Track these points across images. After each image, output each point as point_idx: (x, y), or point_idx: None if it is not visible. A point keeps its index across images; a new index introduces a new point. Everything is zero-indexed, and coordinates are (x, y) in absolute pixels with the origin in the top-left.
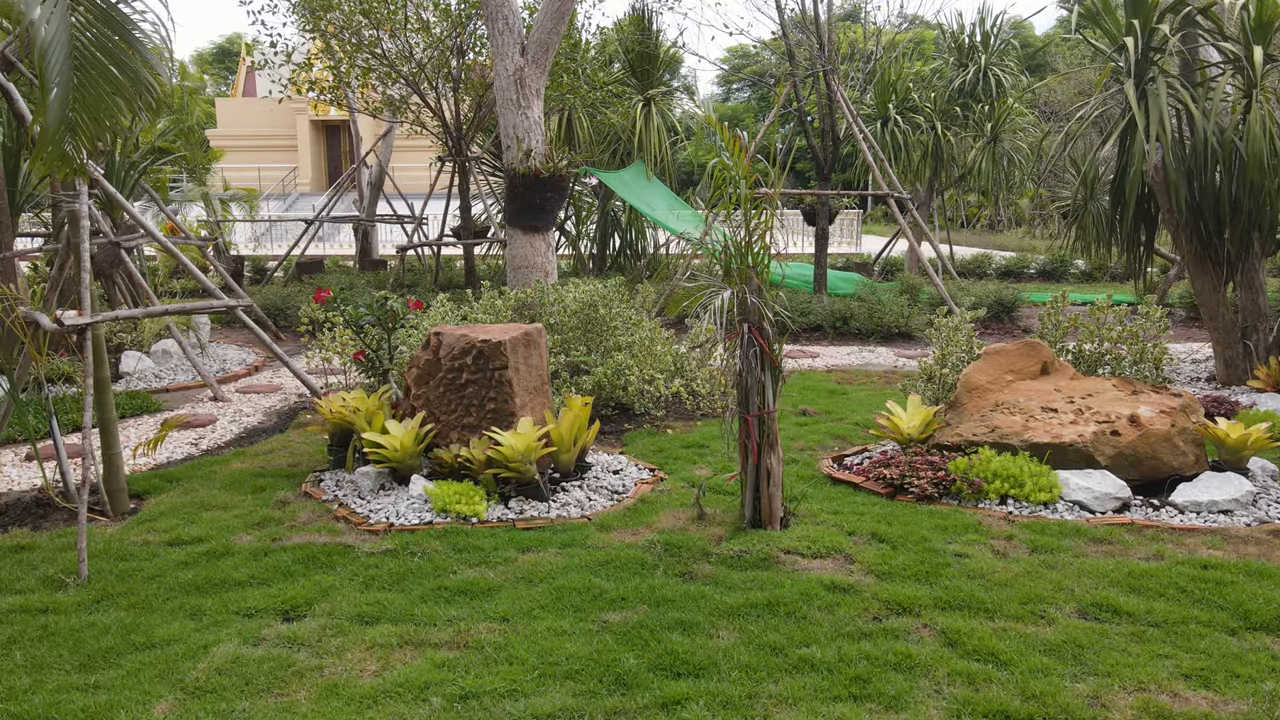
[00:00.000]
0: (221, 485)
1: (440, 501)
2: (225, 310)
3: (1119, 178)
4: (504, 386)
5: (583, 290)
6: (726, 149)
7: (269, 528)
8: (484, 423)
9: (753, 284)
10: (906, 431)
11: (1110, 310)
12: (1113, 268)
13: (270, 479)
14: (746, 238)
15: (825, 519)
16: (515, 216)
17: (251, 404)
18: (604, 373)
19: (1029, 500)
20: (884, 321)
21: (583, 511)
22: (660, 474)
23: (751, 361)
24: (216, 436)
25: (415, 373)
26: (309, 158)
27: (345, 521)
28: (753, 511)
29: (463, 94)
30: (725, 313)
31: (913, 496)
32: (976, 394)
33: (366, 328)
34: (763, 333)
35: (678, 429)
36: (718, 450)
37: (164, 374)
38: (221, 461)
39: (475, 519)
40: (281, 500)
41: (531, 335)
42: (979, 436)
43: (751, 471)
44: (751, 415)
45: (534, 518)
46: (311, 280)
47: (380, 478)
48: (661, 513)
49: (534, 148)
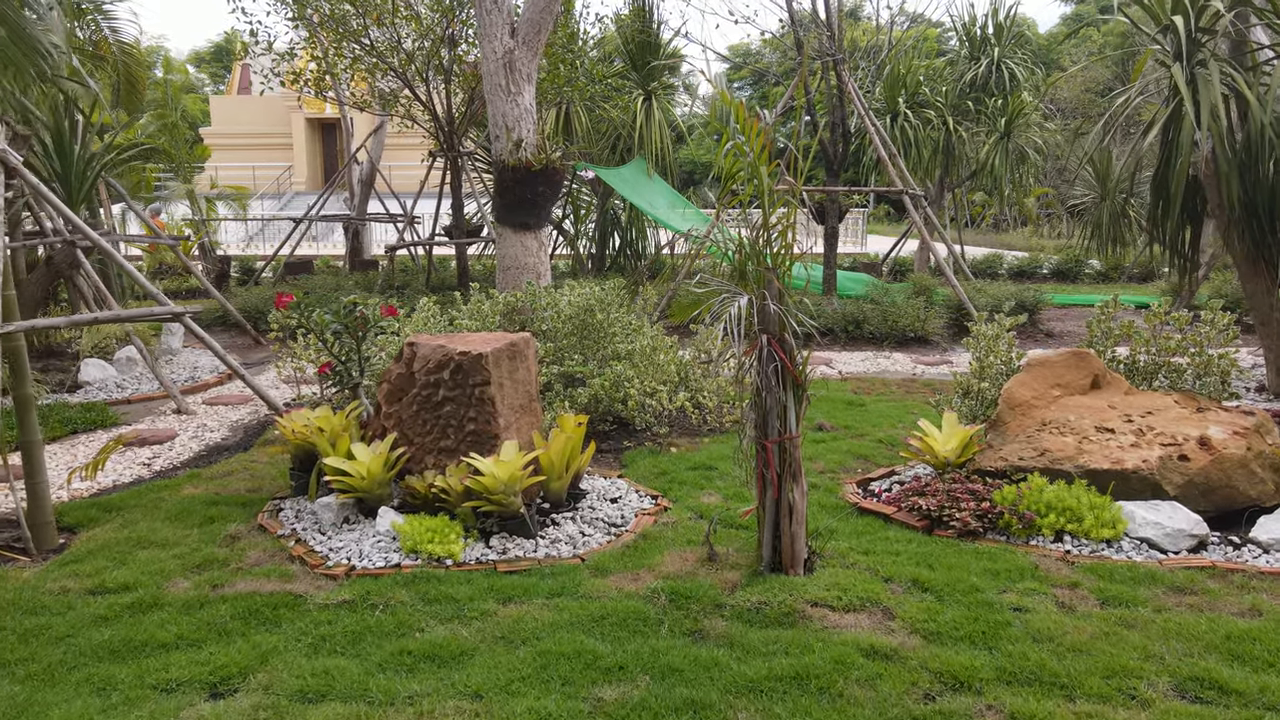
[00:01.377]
0: (167, 515)
1: (410, 540)
2: (171, 318)
3: (1161, 171)
4: (485, 405)
5: (578, 294)
6: (741, 130)
7: (211, 570)
8: (463, 446)
9: (772, 288)
10: (942, 454)
11: (1168, 316)
12: (1129, 268)
13: (224, 507)
14: (765, 235)
15: (855, 560)
16: (505, 213)
17: (218, 417)
18: (601, 385)
19: (1089, 537)
20: (899, 325)
21: (575, 550)
22: (664, 502)
23: (771, 378)
24: (174, 455)
25: (386, 388)
26: (305, 156)
27: (301, 562)
28: (772, 553)
29: (455, 87)
30: (741, 322)
31: (953, 532)
32: (1020, 411)
33: (332, 336)
34: (784, 345)
35: (682, 446)
36: (728, 473)
37: (127, 383)
38: (173, 486)
39: (450, 561)
40: (232, 535)
41: (518, 346)
42: (1026, 461)
43: (770, 506)
44: (771, 441)
45: (518, 558)
46: (295, 281)
47: (344, 509)
48: (666, 551)
49: (525, 138)
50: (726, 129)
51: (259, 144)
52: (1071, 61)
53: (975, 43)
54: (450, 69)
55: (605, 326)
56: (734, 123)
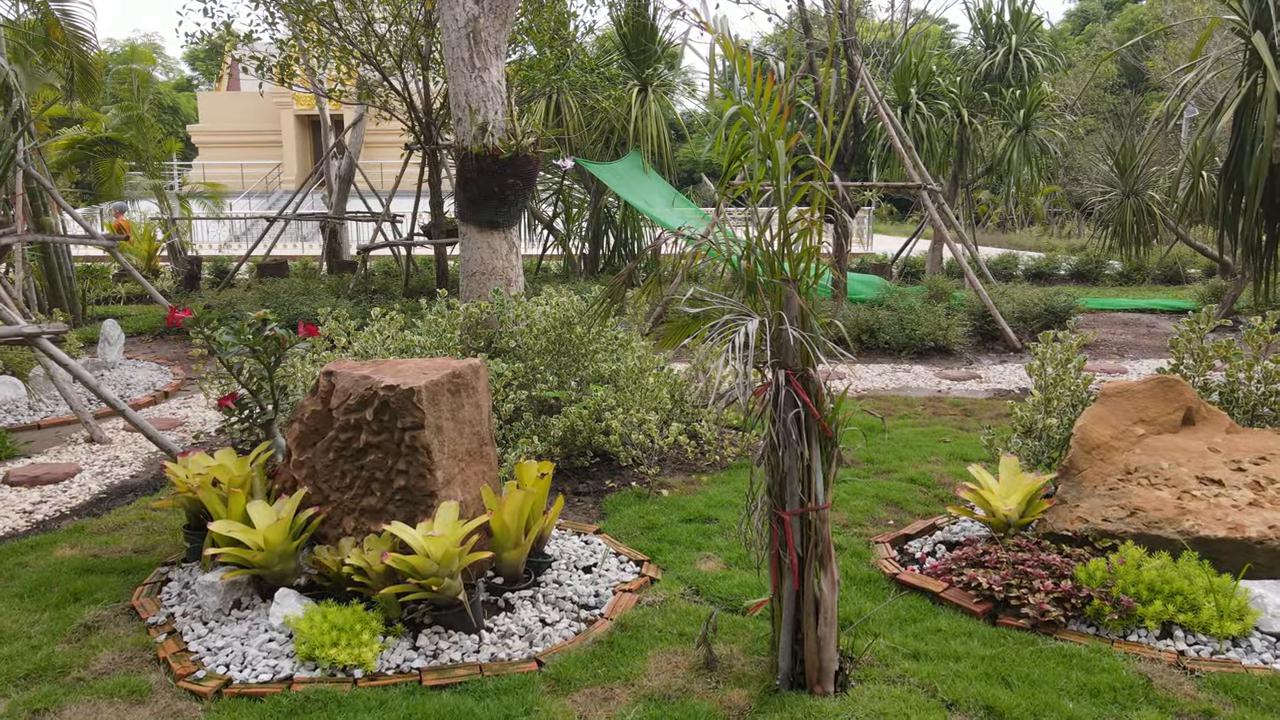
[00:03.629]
0: (19, 590)
1: (308, 643)
2: (22, 340)
3: (1234, 160)
4: (418, 454)
5: (555, 304)
6: (750, 96)
7: (43, 683)
8: (391, 505)
9: (792, 307)
10: (1002, 512)
11: (1270, 335)
12: (1153, 269)
13: (98, 577)
14: (783, 235)
15: (902, 668)
16: (469, 209)
17: (134, 447)
18: (579, 413)
19: (1208, 632)
20: (917, 333)
21: (531, 648)
22: (650, 570)
23: (790, 429)
24: (65, 499)
25: (298, 430)
26: (294, 154)
27: (166, 669)
28: (791, 663)
29: (433, 75)
30: (750, 353)
31: (1026, 622)
32: (1098, 455)
33: (236, 359)
34: (807, 383)
35: (676, 488)
36: (730, 526)
37: (42, 405)
38: (46, 544)
39: (360, 671)
40: (89, 624)
41: (463, 377)
42: (1113, 523)
43: (789, 599)
44: (790, 513)
45: (453, 664)
46: (263, 284)
47: (234, 590)
48: (650, 651)
49: (492, 120)
50: (729, 93)
51: (248, 141)
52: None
53: (990, 31)
54: (427, 55)
55: (585, 343)
56: (739, 83)
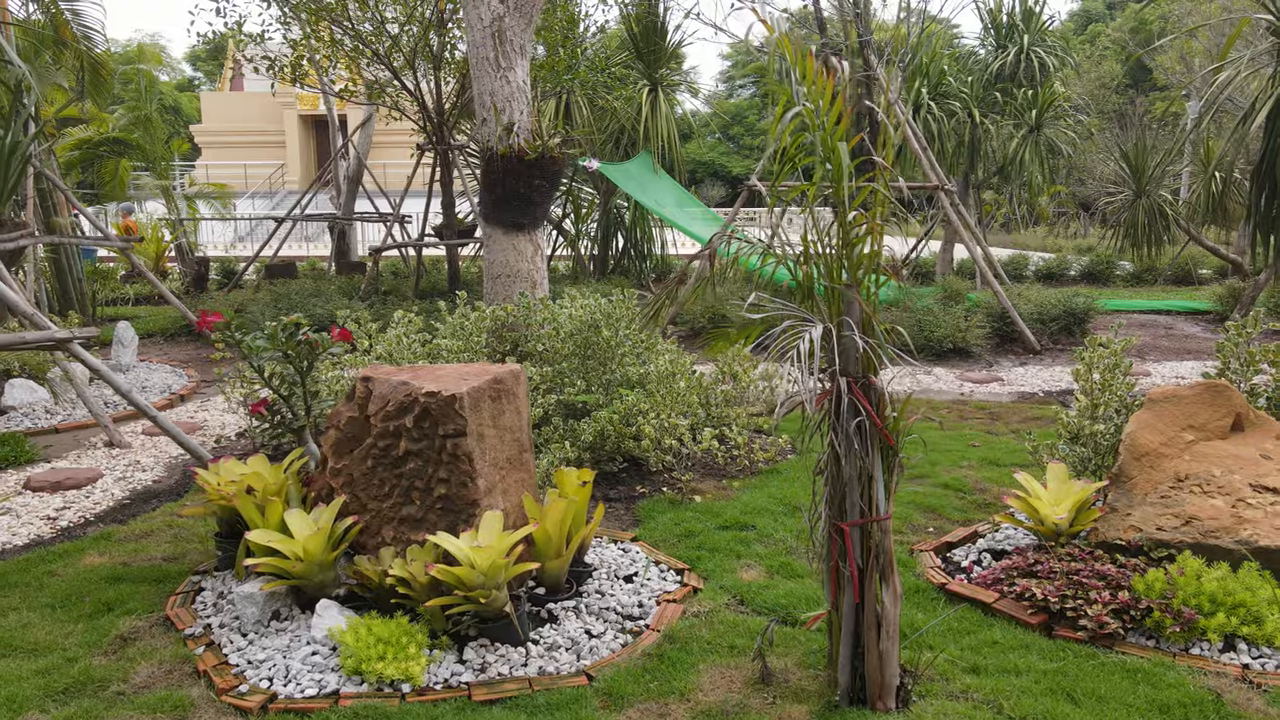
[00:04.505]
0: (50, 600)
1: (354, 657)
2: (54, 345)
3: (1267, 162)
4: (460, 463)
5: (581, 306)
6: (809, 95)
7: (82, 698)
8: (431, 514)
9: (854, 312)
10: (1052, 520)
11: None
12: (1165, 270)
13: (129, 586)
14: (842, 237)
15: (963, 683)
16: (494, 210)
17: (154, 451)
18: (609, 418)
19: (1273, 645)
20: (935, 335)
21: (579, 661)
22: (692, 580)
23: (852, 439)
24: (89, 505)
25: (334, 437)
26: (298, 154)
27: (206, 682)
28: (851, 678)
29: (445, 74)
30: (816, 360)
31: (1084, 634)
32: (1148, 462)
33: (268, 367)
34: (869, 391)
35: (708, 494)
36: (769, 534)
37: (61, 408)
38: (74, 552)
39: (408, 686)
40: (124, 635)
41: (504, 383)
42: (1167, 531)
43: (849, 612)
44: (849, 524)
45: (502, 678)
46: (274, 285)
47: (273, 601)
48: (701, 665)
49: (518, 121)
50: (784, 90)
51: (251, 141)
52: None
53: (1001, 30)
54: (439, 55)
55: (613, 346)
56: (796, 80)
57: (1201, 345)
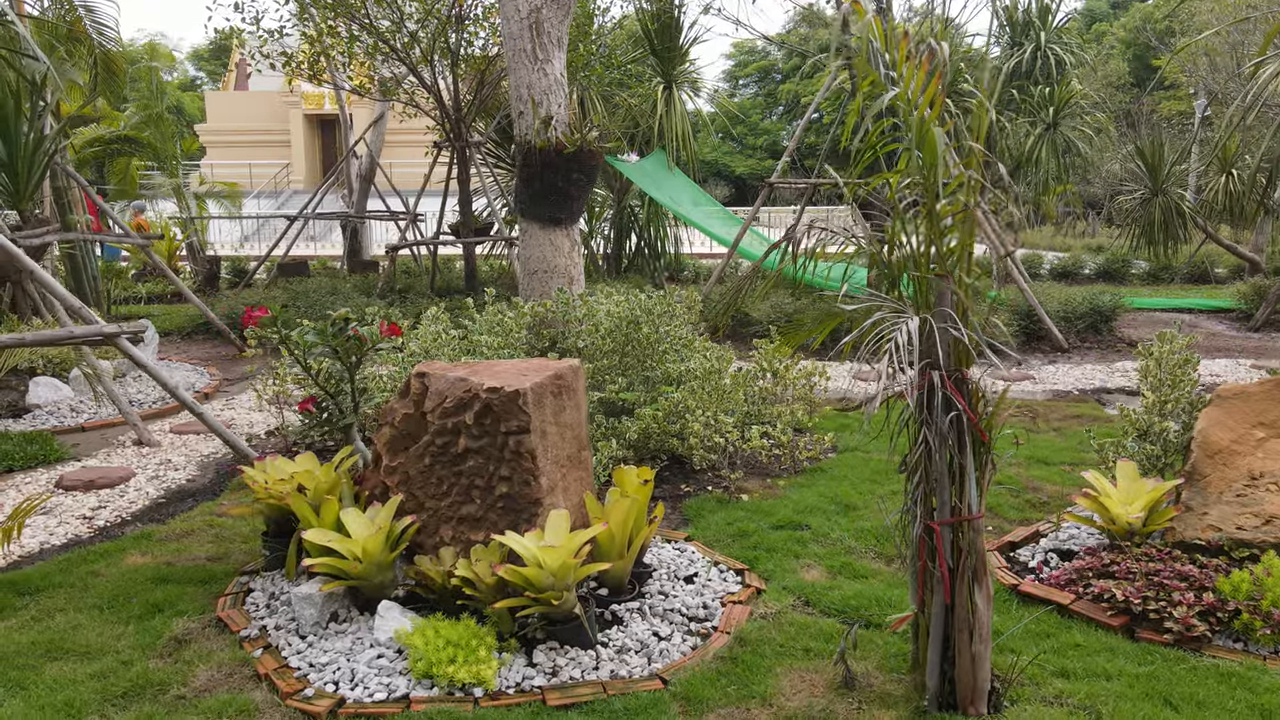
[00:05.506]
0: (97, 601)
1: (424, 660)
2: (103, 340)
3: None
4: (523, 460)
5: (618, 302)
6: (898, 76)
7: (143, 702)
8: (492, 514)
9: (946, 303)
10: (1125, 520)
11: None
12: (1181, 268)
13: (176, 586)
14: (934, 227)
15: (1055, 688)
16: (531, 204)
17: (185, 450)
18: (653, 416)
19: None
20: None
21: (651, 664)
22: (754, 580)
23: (944, 433)
24: (124, 504)
25: (389, 434)
26: (303, 153)
27: (269, 686)
28: (940, 683)
29: (462, 71)
30: (916, 350)
31: (1171, 637)
32: (1221, 460)
33: (316, 363)
34: (962, 385)
35: (755, 493)
36: (824, 533)
37: (85, 406)
38: (115, 552)
39: (481, 690)
40: (178, 637)
41: (565, 379)
42: (1248, 531)
43: (938, 614)
44: (940, 522)
45: (575, 681)
46: (289, 284)
47: (331, 602)
48: (778, 668)
49: (555, 114)
50: (872, 72)
51: (256, 141)
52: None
53: (1017, 27)
54: (457, 51)
55: (654, 343)
56: (883, 61)
57: (1230, 343)
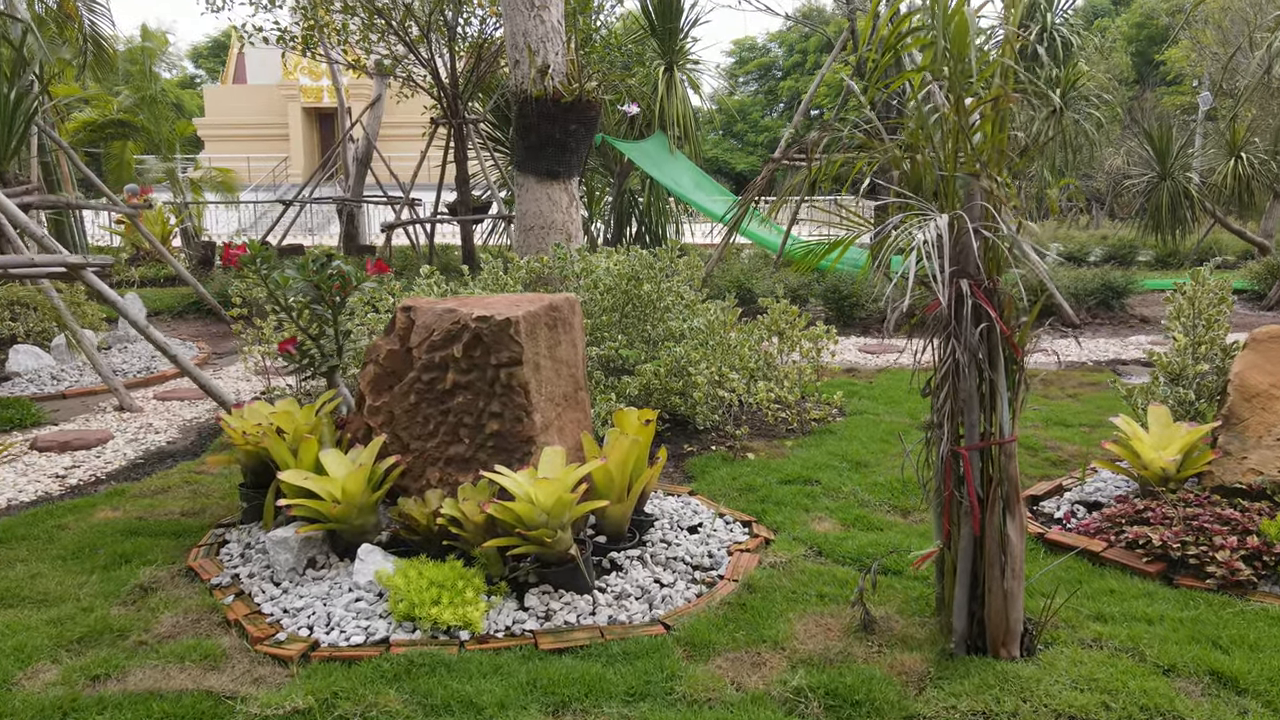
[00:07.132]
0: (61, 553)
1: (405, 601)
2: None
3: None
4: (515, 395)
5: (618, 261)
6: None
7: (100, 647)
8: (482, 454)
9: (974, 202)
10: (1159, 465)
11: None
12: (1189, 253)
13: (146, 539)
14: (960, 122)
15: (1091, 630)
16: (527, 157)
17: (167, 415)
18: (654, 371)
19: None
20: None
21: (652, 610)
22: (762, 531)
23: (974, 350)
24: (100, 464)
25: (373, 372)
26: (301, 147)
27: (239, 631)
28: (968, 624)
29: (460, 49)
30: (946, 256)
31: (1214, 582)
32: (1259, 404)
33: (298, 302)
34: (993, 296)
35: (760, 452)
36: (837, 488)
37: (66, 374)
38: (84, 507)
39: (467, 633)
40: (144, 585)
41: (560, 311)
42: None
43: (966, 549)
44: (969, 448)
45: (569, 626)
46: None
47: (309, 547)
48: (791, 614)
49: (552, 63)
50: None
51: (254, 135)
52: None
53: (1024, 9)
54: (454, 26)
55: (655, 300)
56: None
57: (1246, 320)
